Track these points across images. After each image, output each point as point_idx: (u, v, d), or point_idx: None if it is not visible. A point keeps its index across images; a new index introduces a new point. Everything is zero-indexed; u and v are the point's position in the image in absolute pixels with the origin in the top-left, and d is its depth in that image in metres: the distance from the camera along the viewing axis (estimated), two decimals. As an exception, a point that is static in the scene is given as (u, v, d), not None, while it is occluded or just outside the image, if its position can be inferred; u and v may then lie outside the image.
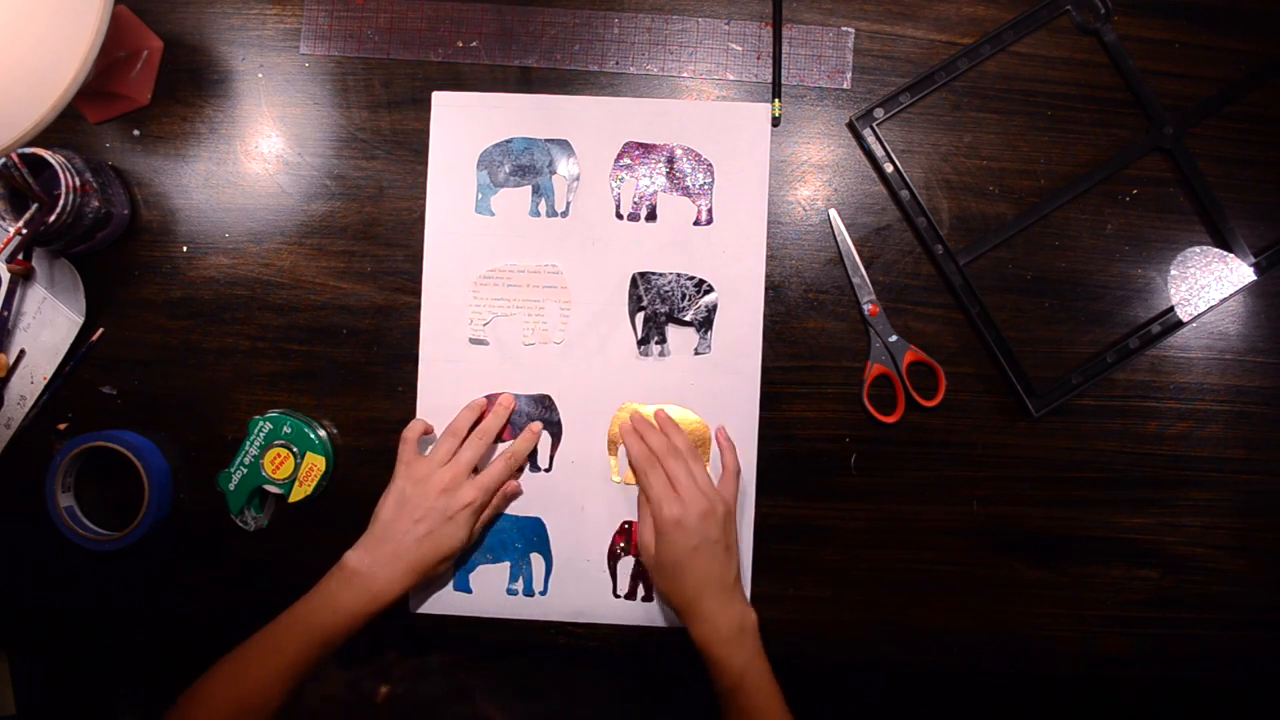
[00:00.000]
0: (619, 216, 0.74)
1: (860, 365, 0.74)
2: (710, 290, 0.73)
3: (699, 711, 0.54)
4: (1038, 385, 0.73)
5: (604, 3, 0.74)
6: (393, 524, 0.67)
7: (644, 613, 0.73)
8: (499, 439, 0.73)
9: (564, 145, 0.74)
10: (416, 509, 0.67)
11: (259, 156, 0.74)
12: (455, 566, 0.73)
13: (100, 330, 0.74)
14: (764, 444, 0.73)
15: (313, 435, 0.71)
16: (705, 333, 0.73)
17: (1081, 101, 0.74)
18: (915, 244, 0.74)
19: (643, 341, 0.73)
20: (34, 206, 0.67)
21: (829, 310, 0.74)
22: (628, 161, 0.74)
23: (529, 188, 0.74)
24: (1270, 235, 0.74)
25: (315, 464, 0.71)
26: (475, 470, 0.70)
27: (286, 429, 0.71)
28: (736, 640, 0.64)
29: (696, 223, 0.74)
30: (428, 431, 0.72)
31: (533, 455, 0.74)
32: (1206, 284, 0.74)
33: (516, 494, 0.73)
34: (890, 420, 0.73)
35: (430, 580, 0.70)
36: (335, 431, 0.74)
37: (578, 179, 0.74)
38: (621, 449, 0.73)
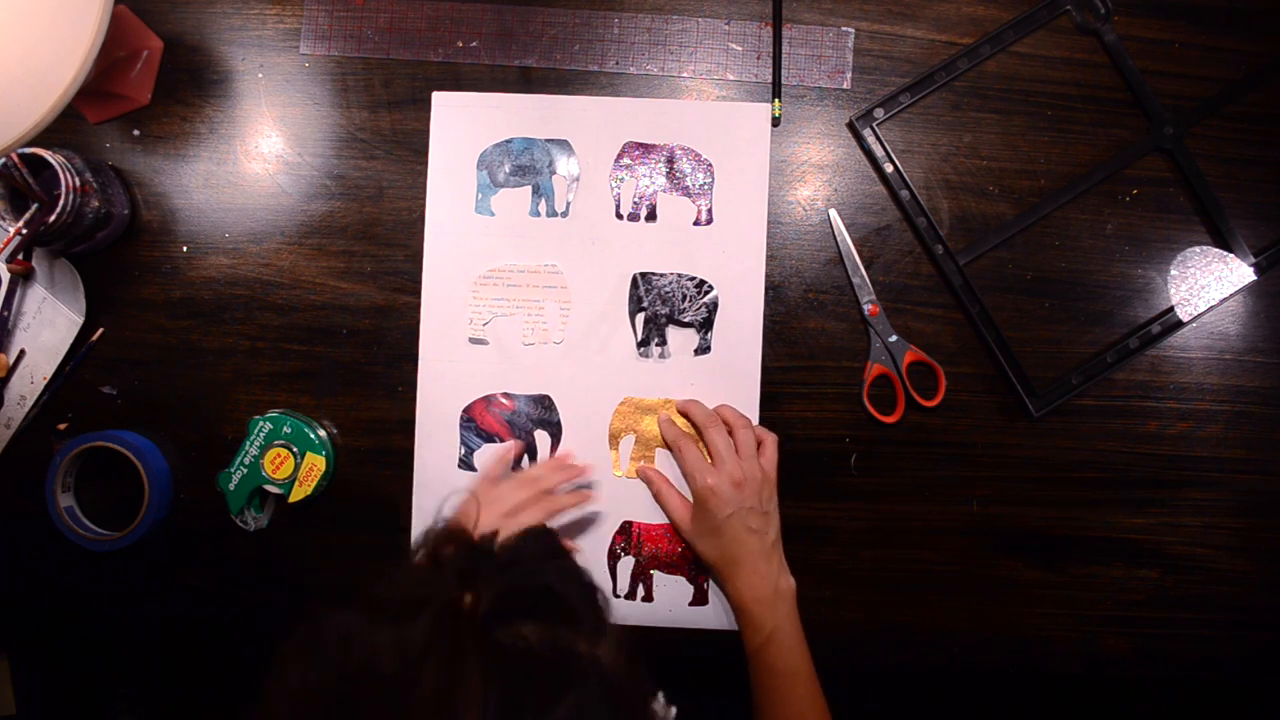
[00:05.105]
0: (619, 216, 0.74)
1: (860, 365, 0.74)
2: (710, 290, 0.73)
3: (700, 709, 0.54)
4: (1038, 385, 0.73)
5: (604, 3, 0.74)
6: None
7: (645, 612, 0.73)
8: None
9: (564, 145, 0.74)
10: None
11: (259, 156, 0.74)
12: None
13: (100, 330, 0.74)
14: (764, 444, 0.73)
15: (313, 435, 0.71)
16: (705, 333, 0.73)
17: (1081, 101, 0.74)
18: (915, 244, 0.74)
19: (643, 343, 0.73)
20: (34, 206, 0.67)
21: (829, 310, 0.74)
22: (628, 161, 0.74)
23: (529, 188, 0.74)
24: (1270, 235, 0.74)
25: (315, 464, 0.71)
26: None
27: (286, 429, 0.71)
28: (770, 601, 0.65)
29: (696, 223, 0.74)
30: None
31: (532, 455, 0.74)
32: (1206, 284, 0.74)
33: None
34: (890, 420, 0.73)
35: None
36: (335, 431, 0.74)
37: (578, 179, 0.74)
38: (623, 443, 0.73)
